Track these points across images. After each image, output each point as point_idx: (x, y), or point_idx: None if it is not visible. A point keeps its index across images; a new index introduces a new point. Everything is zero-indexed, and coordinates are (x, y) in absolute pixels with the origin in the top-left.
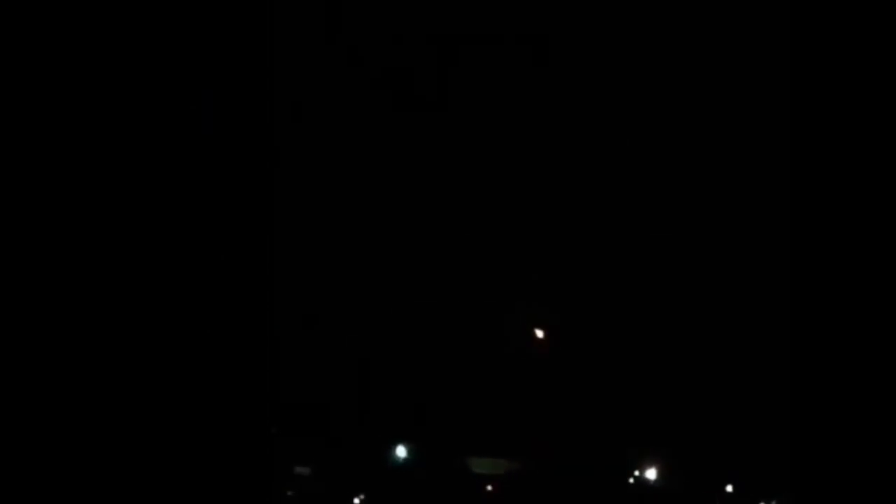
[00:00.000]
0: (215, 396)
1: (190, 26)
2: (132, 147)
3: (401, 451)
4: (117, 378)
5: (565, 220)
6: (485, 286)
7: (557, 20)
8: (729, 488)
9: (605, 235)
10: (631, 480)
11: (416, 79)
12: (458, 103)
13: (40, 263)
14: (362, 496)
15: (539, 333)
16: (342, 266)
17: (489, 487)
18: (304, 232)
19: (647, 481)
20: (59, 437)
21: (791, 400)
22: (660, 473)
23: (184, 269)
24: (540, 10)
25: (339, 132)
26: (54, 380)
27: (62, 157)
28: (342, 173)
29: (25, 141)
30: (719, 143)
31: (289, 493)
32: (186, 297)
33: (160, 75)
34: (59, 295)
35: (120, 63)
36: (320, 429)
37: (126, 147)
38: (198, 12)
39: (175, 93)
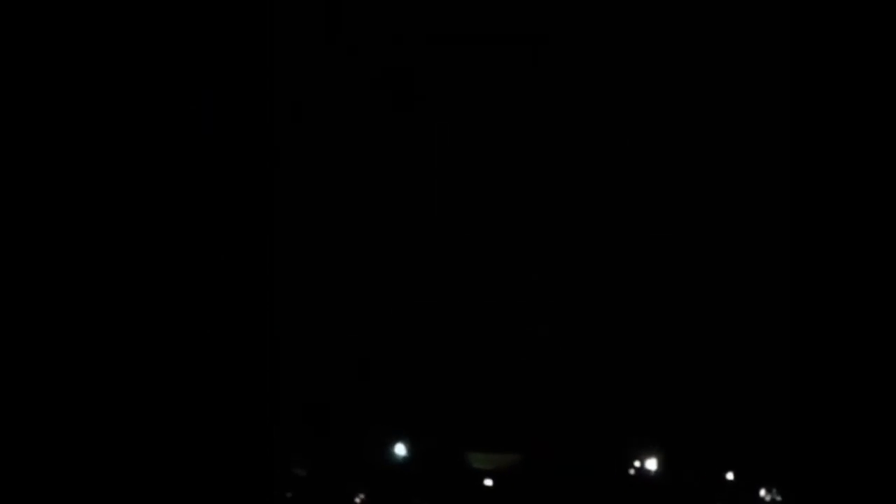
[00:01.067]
0: (215, 396)
1: (190, 26)
2: (132, 147)
3: (400, 449)
4: (117, 378)
5: (566, 220)
6: (483, 284)
7: (557, 20)
8: (730, 476)
9: (605, 234)
10: (632, 471)
11: (416, 79)
12: (459, 103)
13: (40, 263)
14: (363, 496)
15: (538, 327)
16: (344, 267)
17: (488, 482)
18: (304, 232)
19: (647, 472)
20: (59, 437)
21: (791, 388)
22: (660, 463)
23: (184, 269)
24: (540, 10)
25: (339, 132)
26: (54, 380)
27: (62, 157)
28: (342, 173)
29: (25, 141)
30: (719, 143)
31: (287, 494)
32: (186, 297)
33: (160, 75)
34: (59, 295)
35: (120, 63)
36: (317, 428)
37: (126, 147)
38: (198, 12)
39: (175, 93)
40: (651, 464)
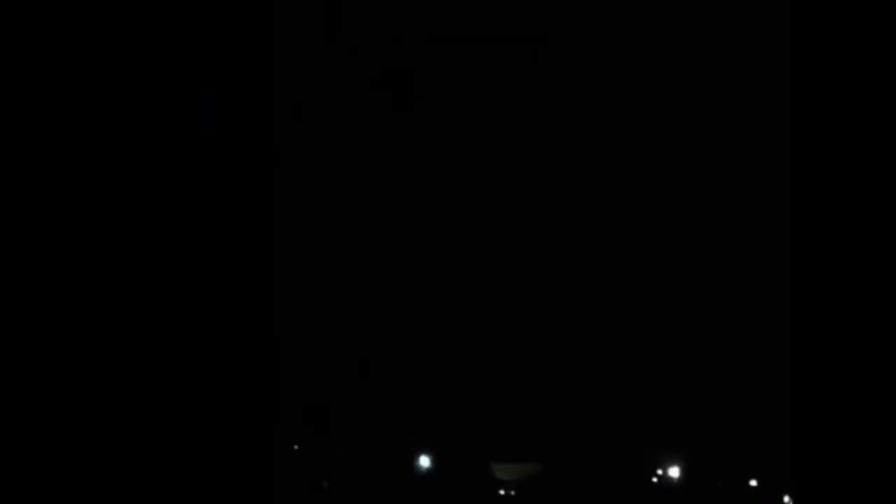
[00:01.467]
0: (219, 401)
1: (190, 26)
2: (132, 147)
3: (424, 461)
4: (117, 378)
5: (566, 220)
6: (491, 287)
7: (557, 20)
8: (753, 483)
9: (606, 234)
10: (654, 479)
11: (416, 79)
12: (459, 103)
13: (40, 263)
14: None
15: (552, 335)
16: (344, 267)
17: (501, 492)
18: (305, 232)
19: (670, 479)
20: (59, 436)
21: (792, 391)
22: (683, 471)
23: (184, 269)
24: (540, 10)
25: (339, 132)
26: (54, 380)
27: (62, 157)
28: (342, 173)
29: (25, 141)
30: (719, 143)
31: None
32: (186, 297)
33: (160, 75)
34: (60, 295)
35: (120, 63)
36: (340, 440)
37: (126, 147)
38: (198, 12)
39: (175, 93)
40: (674, 471)
